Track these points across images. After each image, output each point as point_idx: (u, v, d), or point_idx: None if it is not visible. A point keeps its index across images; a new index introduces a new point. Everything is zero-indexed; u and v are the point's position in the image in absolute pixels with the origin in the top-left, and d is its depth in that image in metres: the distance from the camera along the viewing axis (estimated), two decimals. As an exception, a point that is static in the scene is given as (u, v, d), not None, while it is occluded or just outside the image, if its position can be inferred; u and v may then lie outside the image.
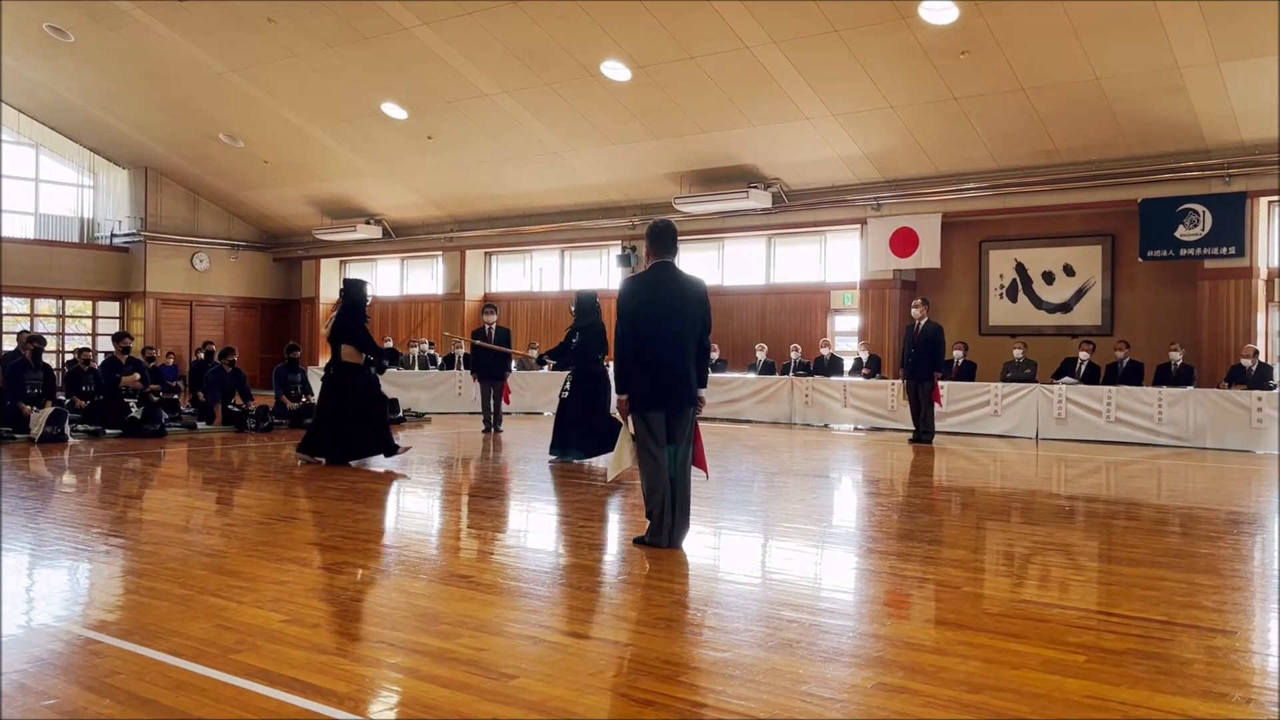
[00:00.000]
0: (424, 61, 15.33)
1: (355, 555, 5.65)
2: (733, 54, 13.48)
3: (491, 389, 13.74)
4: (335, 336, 9.88)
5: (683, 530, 5.80)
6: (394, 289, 23.90)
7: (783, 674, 3.59)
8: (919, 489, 8.93)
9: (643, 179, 17.57)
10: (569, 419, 10.06)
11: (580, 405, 10.02)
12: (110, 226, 23.40)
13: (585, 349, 10.20)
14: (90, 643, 3.89)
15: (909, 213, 15.83)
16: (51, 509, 7.11)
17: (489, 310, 14.14)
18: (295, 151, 19.71)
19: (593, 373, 10.20)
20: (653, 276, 5.91)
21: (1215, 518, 7.28)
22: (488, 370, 13.78)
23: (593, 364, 10.22)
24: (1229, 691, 3.46)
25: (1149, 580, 5.10)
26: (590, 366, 10.20)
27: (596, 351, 10.25)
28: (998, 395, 13.67)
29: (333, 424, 9.68)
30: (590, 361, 10.20)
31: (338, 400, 9.72)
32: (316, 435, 9.84)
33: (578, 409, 10.02)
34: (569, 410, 10.09)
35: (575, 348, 10.26)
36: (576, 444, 10.00)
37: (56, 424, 11.47)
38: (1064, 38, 11.85)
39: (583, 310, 10.36)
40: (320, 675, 3.50)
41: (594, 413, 10.02)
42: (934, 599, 4.83)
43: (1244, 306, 13.56)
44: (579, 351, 10.22)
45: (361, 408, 9.77)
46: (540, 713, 3.18)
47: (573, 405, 10.07)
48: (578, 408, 10.02)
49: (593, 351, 10.22)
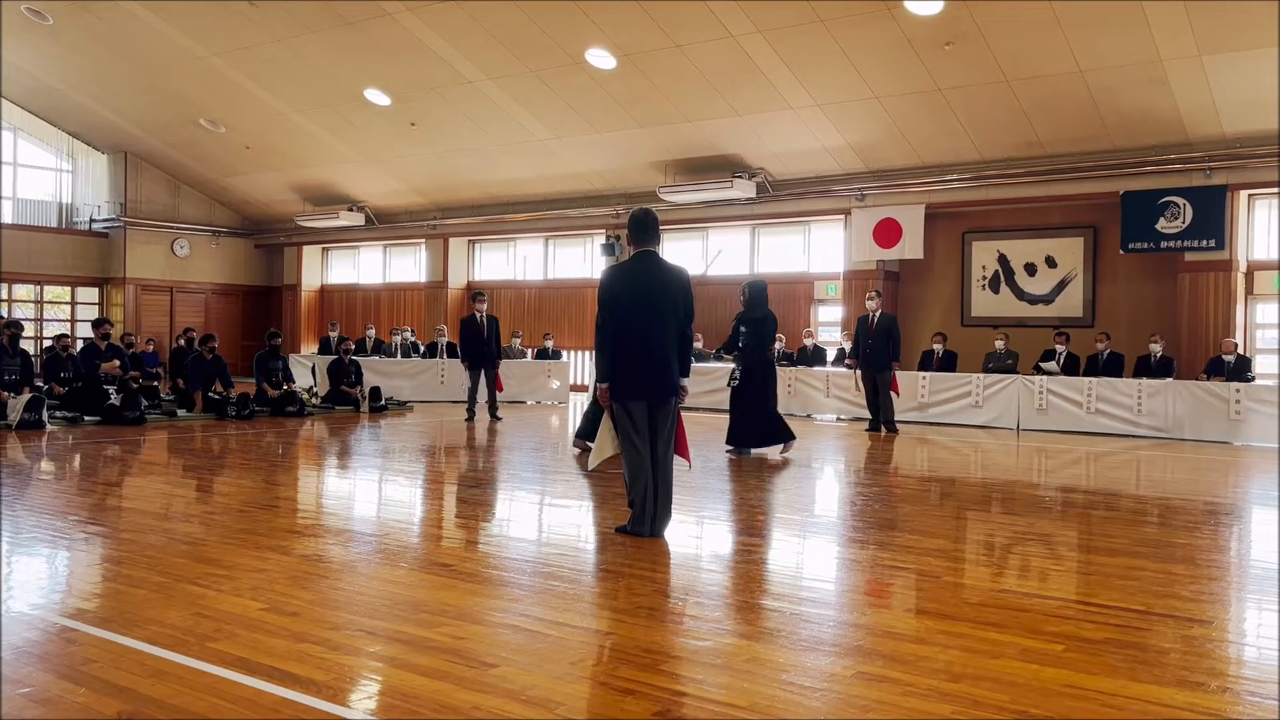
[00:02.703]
0: (408, 47, 15.22)
1: (335, 543, 5.63)
2: (718, 43, 13.45)
3: (484, 377, 13.72)
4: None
5: (665, 519, 5.80)
6: (376, 277, 23.79)
7: (763, 663, 3.59)
8: (899, 479, 8.96)
9: (627, 168, 17.53)
10: (743, 410, 10.04)
11: (753, 396, 9.99)
12: (89, 212, 23.18)
13: (757, 339, 10.12)
14: (66, 630, 3.86)
15: (893, 203, 15.85)
16: (28, 496, 7.05)
17: (479, 298, 14.10)
18: (277, 137, 19.56)
19: (763, 362, 10.15)
20: (634, 266, 5.89)
21: (1193, 508, 7.34)
22: (481, 358, 13.74)
23: (763, 354, 10.17)
24: (1205, 680, 3.49)
25: (1127, 570, 5.13)
26: (761, 356, 10.14)
27: (767, 342, 10.22)
28: (979, 386, 13.73)
29: None
30: (761, 351, 10.14)
31: None
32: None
33: (754, 399, 9.98)
34: (742, 401, 10.06)
35: (745, 338, 10.13)
36: (749, 439, 9.98)
37: (34, 410, 11.36)
38: (1048, 30, 11.88)
39: (754, 301, 10.24)
40: (299, 664, 3.48)
41: (764, 403, 10.00)
42: (914, 588, 4.85)
43: (1223, 299, 13.67)
44: (755, 342, 10.13)
45: None
46: (520, 701, 3.17)
47: (745, 396, 10.03)
48: (754, 398, 9.99)
49: (766, 341, 10.18)
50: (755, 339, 10.11)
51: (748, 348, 10.11)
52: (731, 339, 10.37)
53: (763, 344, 10.17)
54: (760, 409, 10.00)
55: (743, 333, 10.14)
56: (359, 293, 24.01)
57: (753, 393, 10.01)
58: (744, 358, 10.13)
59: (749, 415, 10.02)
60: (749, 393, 10.03)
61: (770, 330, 10.29)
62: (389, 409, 14.86)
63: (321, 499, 7.69)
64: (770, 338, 10.34)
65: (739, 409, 10.12)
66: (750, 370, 10.10)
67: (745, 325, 10.14)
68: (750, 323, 10.13)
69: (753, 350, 10.12)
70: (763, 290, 10.38)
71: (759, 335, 10.12)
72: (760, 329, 10.13)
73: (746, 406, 10.05)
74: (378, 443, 11.07)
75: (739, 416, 10.10)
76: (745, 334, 10.12)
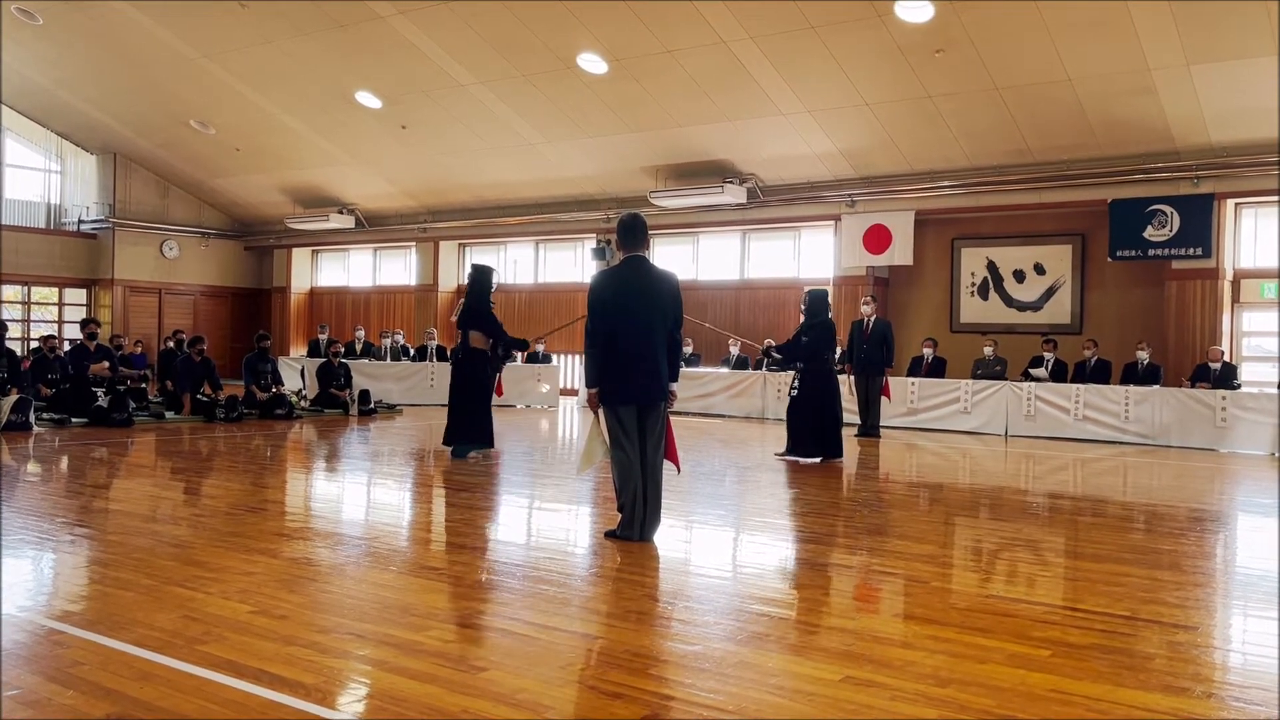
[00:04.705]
0: (399, 50, 15.22)
1: (324, 546, 5.62)
2: (709, 49, 13.49)
3: None
4: (465, 322, 9.76)
5: (654, 524, 5.81)
6: (366, 279, 23.75)
7: (751, 667, 3.60)
8: (889, 484, 8.99)
9: (618, 172, 17.55)
10: (802, 418, 10.02)
11: (812, 404, 9.99)
12: (78, 212, 23.06)
13: (816, 347, 10.09)
14: (54, 633, 3.85)
15: (883, 210, 15.91)
16: (15, 498, 7.02)
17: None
18: (267, 139, 19.52)
19: (823, 371, 10.14)
20: (624, 270, 5.91)
21: (1178, 515, 7.39)
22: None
23: (823, 363, 10.15)
24: (1190, 686, 3.51)
25: (1113, 576, 5.16)
26: (821, 365, 10.13)
27: (826, 350, 10.20)
28: (968, 392, 13.78)
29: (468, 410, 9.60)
30: (821, 360, 10.13)
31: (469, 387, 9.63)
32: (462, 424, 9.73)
33: (809, 408, 9.98)
34: (801, 409, 10.05)
35: (806, 346, 10.11)
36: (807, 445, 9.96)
37: (21, 412, 11.29)
38: (1038, 38, 11.94)
39: (814, 309, 10.21)
40: (288, 666, 3.48)
41: (824, 411, 10.00)
42: (902, 593, 4.87)
43: (1210, 307, 13.75)
44: (810, 350, 10.10)
45: (486, 395, 9.72)
46: (509, 705, 3.17)
47: (803, 403, 10.03)
48: (809, 407, 9.99)
49: (823, 350, 10.15)
50: (813, 346, 10.09)
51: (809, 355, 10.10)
52: (791, 345, 10.39)
53: (821, 352, 10.13)
54: (820, 416, 9.97)
55: (804, 342, 10.14)
56: (349, 295, 23.96)
57: (808, 401, 10.00)
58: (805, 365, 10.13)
59: (809, 421, 9.96)
60: (804, 401, 10.02)
61: (828, 338, 10.22)
62: (378, 412, 14.83)
63: (310, 502, 7.68)
64: (828, 346, 10.24)
65: (796, 416, 10.07)
66: (807, 376, 10.10)
67: (805, 334, 10.16)
68: (811, 330, 10.12)
69: (812, 358, 10.10)
70: (823, 298, 10.38)
71: (816, 343, 10.09)
72: (818, 336, 10.10)
73: (805, 414, 10.00)
74: (367, 446, 11.05)
75: (796, 424, 10.06)
76: (807, 342, 10.10)
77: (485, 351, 9.72)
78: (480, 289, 9.83)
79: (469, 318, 9.74)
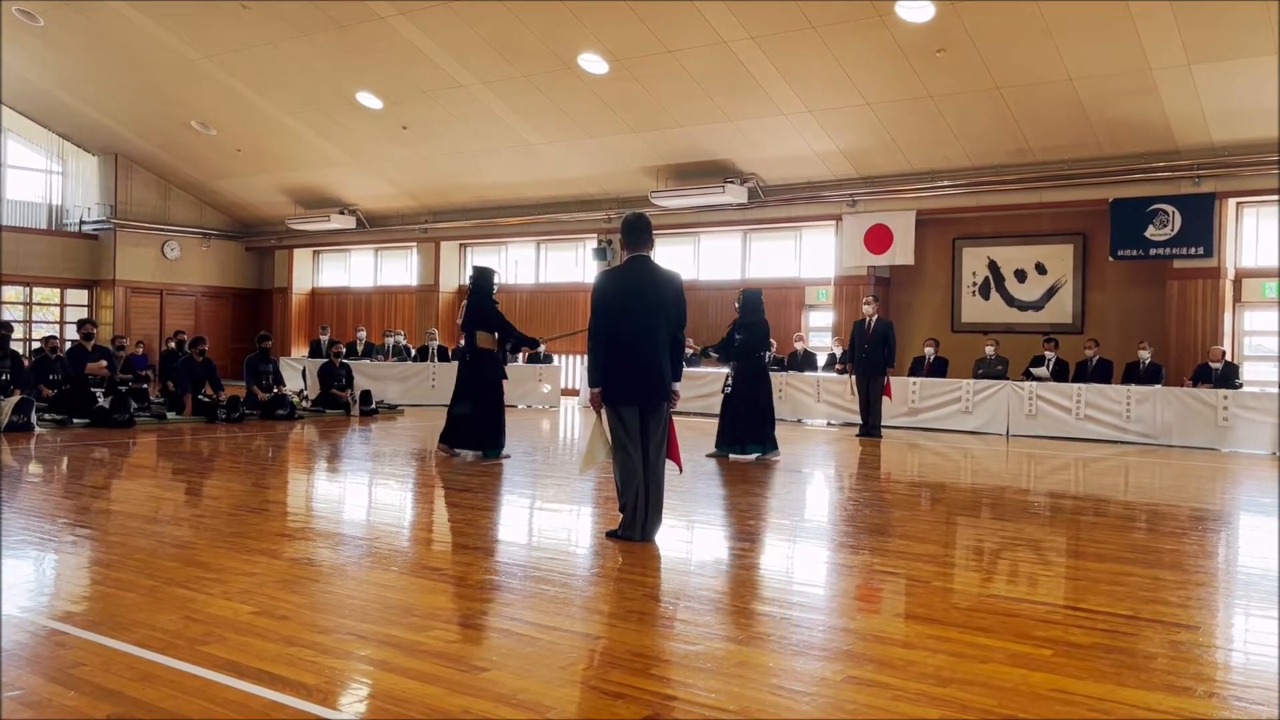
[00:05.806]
0: (400, 51, 15.22)
1: (325, 547, 5.62)
2: (710, 49, 13.48)
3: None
4: (470, 323, 9.77)
5: (655, 524, 5.81)
6: (367, 280, 23.75)
7: (753, 667, 3.60)
8: (889, 484, 8.99)
9: (619, 172, 17.55)
10: (735, 414, 10.11)
11: (744, 400, 10.08)
12: (79, 213, 23.07)
13: (749, 345, 10.21)
14: (56, 634, 3.85)
15: (884, 209, 15.90)
16: (17, 499, 7.02)
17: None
18: (268, 140, 19.52)
19: (756, 368, 10.25)
20: (627, 270, 5.91)
21: (1180, 514, 7.38)
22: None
23: (756, 360, 10.26)
24: (1192, 685, 3.51)
25: (1115, 576, 5.16)
26: (754, 362, 10.25)
27: (760, 348, 10.31)
28: (969, 392, 13.78)
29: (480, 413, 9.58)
30: (754, 358, 10.24)
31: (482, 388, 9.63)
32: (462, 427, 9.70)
33: (741, 404, 10.08)
34: (733, 406, 10.14)
35: (739, 344, 10.24)
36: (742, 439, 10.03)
37: (23, 413, 11.30)
38: (1038, 38, 11.94)
39: (748, 307, 10.33)
40: (289, 667, 3.48)
41: (756, 407, 10.09)
42: (904, 593, 4.86)
43: (1211, 306, 13.74)
44: (743, 347, 10.22)
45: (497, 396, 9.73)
46: (511, 705, 3.17)
47: (736, 400, 10.13)
48: (742, 403, 10.08)
49: (756, 348, 10.26)
50: (746, 344, 10.22)
51: (742, 352, 10.22)
52: (724, 342, 10.53)
53: (754, 349, 10.26)
54: (752, 411, 10.07)
55: (738, 340, 10.25)
56: (350, 296, 23.96)
57: (741, 396, 10.12)
58: (738, 362, 10.26)
59: (742, 418, 10.08)
60: (737, 397, 10.15)
61: (761, 336, 10.37)
62: (379, 412, 14.83)
63: (311, 503, 7.68)
64: (761, 343, 10.39)
65: (729, 412, 10.19)
66: (740, 374, 10.22)
67: (739, 332, 10.27)
68: (744, 328, 10.24)
69: (745, 355, 10.22)
70: (757, 297, 10.50)
71: (749, 341, 10.22)
72: (751, 334, 10.23)
73: (737, 410, 10.12)
74: (368, 446, 11.05)
75: (729, 420, 10.16)
76: (740, 339, 10.23)
77: (494, 351, 9.74)
78: (482, 290, 9.85)
79: (474, 318, 9.75)
